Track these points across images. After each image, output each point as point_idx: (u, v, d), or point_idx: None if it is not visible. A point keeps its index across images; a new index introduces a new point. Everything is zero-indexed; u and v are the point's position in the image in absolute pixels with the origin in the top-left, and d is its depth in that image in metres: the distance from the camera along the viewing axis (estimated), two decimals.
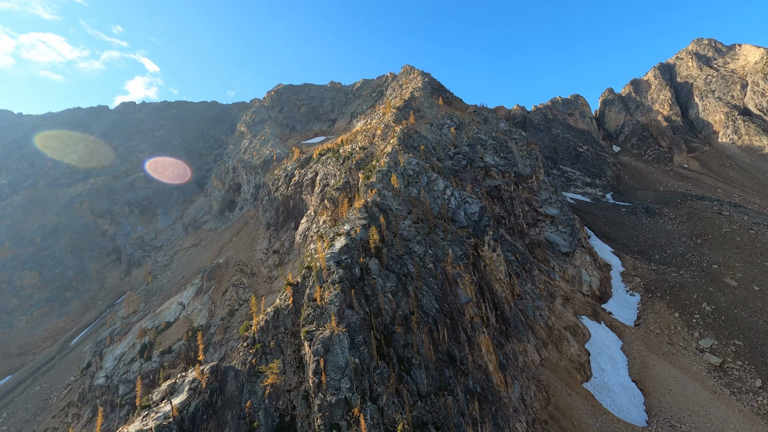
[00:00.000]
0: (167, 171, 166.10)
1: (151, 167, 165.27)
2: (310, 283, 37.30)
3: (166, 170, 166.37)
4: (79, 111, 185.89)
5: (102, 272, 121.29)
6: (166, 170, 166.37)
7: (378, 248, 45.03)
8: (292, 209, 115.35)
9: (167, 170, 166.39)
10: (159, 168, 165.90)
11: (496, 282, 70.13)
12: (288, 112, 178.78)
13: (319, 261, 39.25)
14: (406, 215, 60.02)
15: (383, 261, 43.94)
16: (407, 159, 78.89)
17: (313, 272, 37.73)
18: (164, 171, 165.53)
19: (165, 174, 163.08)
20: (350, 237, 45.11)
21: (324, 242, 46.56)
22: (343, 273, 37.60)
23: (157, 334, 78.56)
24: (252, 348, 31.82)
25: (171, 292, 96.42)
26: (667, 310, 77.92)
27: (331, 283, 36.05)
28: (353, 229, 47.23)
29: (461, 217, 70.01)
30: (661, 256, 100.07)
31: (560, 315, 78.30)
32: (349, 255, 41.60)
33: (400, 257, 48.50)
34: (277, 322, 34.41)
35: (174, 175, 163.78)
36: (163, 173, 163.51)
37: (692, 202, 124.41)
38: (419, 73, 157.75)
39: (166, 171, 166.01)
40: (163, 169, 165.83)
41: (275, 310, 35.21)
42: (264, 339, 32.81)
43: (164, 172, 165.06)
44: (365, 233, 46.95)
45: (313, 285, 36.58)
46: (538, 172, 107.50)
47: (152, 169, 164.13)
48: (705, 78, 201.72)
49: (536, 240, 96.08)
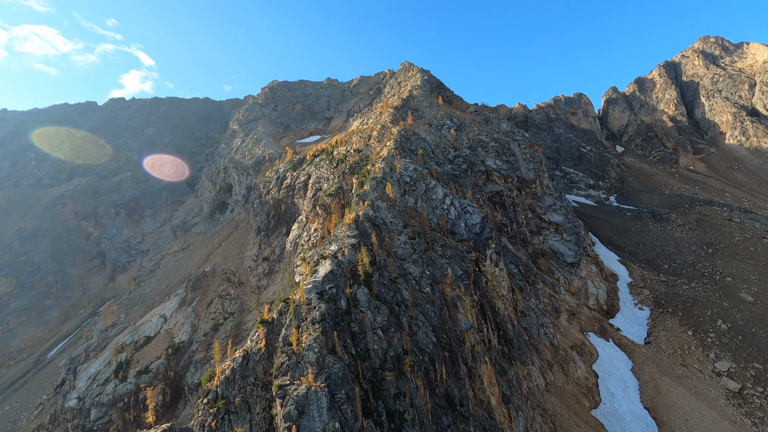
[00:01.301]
0: (165, 168, 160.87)
1: (149, 164, 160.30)
2: (287, 320, 32.17)
3: (165, 168, 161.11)
4: (66, 107, 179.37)
5: (85, 278, 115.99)
6: (165, 168, 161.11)
7: (368, 274, 39.87)
8: (283, 213, 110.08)
9: (165, 168, 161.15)
10: (157, 165, 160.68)
11: (498, 299, 65.20)
12: (282, 109, 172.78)
13: (298, 293, 34.07)
14: (401, 230, 54.83)
15: (373, 289, 38.80)
16: (404, 164, 73.60)
17: (291, 307, 32.57)
18: (162, 168, 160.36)
19: (163, 171, 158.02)
20: (337, 260, 39.94)
21: (307, 266, 41.35)
22: (325, 308, 32.45)
23: (135, 350, 73.51)
24: (213, 406, 26.73)
25: (154, 302, 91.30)
26: (679, 328, 73.18)
27: (311, 323, 30.89)
28: (341, 250, 42.06)
29: (461, 229, 64.88)
30: (671, 266, 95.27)
31: (566, 332, 73.52)
32: (335, 283, 36.46)
33: (393, 281, 43.37)
34: (246, 371, 29.28)
35: (172, 172, 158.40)
36: (161, 171, 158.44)
37: (701, 208, 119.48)
38: (418, 71, 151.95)
39: (165, 168, 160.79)
40: (161, 167, 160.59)
41: (244, 355, 30.08)
42: (229, 393, 27.68)
43: (162, 169, 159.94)
44: (354, 255, 41.78)
45: (290, 324, 31.45)
46: (541, 177, 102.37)
47: (150, 167, 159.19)
48: (712, 77, 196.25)
49: (540, 249, 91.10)
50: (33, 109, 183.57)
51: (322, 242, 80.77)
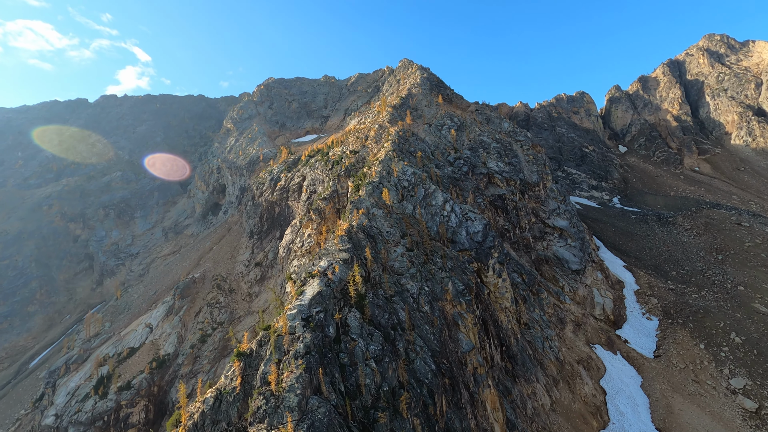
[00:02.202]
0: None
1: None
2: (267, 353, 28.34)
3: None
4: (56, 104, 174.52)
5: (72, 282, 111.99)
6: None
7: (361, 295, 36.05)
8: (277, 216, 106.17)
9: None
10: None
11: (501, 312, 61.56)
12: (278, 107, 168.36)
13: (281, 321, 30.24)
14: (398, 240, 51.00)
15: (366, 313, 35.01)
16: (402, 168, 69.70)
17: (272, 338, 28.75)
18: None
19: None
20: (326, 279, 36.12)
21: (294, 286, 37.50)
22: (311, 338, 28.62)
23: (118, 363, 69.73)
24: None
25: (141, 310, 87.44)
26: (690, 341, 69.65)
27: (294, 357, 27.07)
28: (331, 266, 38.22)
29: (462, 237, 61.09)
30: (679, 273, 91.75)
31: (571, 345, 69.96)
32: (323, 307, 32.65)
33: (389, 301, 39.59)
34: (218, 414, 25.48)
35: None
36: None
37: (708, 211, 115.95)
38: (418, 68, 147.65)
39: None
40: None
41: (216, 395, 26.26)
42: None
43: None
44: (346, 272, 37.96)
45: (269, 358, 27.62)
46: (545, 179, 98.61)
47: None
48: (717, 76, 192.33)
49: (543, 255, 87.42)
50: (22, 106, 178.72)
51: (316, 248, 77.00)
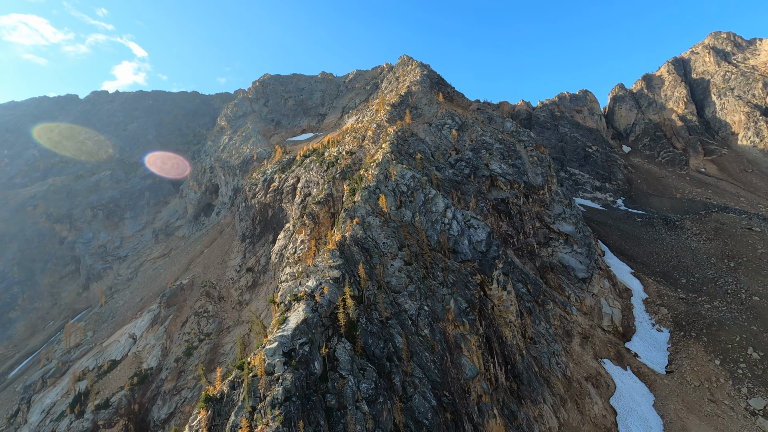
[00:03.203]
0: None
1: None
2: (240, 398, 24.22)
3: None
4: (45, 100, 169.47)
5: (57, 287, 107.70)
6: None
7: (352, 323, 31.91)
8: (270, 219, 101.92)
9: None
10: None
11: (505, 327, 57.59)
12: (273, 105, 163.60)
13: (257, 359, 26.06)
14: (395, 252, 46.84)
15: (358, 343, 30.90)
16: (400, 171, 65.47)
17: (245, 380, 24.59)
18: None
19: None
20: (313, 303, 31.97)
21: (277, 311, 33.33)
22: (292, 380, 24.49)
23: (97, 377, 65.65)
24: None
25: (125, 318, 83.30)
26: (705, 356, 65.87)
27: (271, 405, 22.94)
28: (320, 287, 34.07)
29: (465, 247, 56.99)
30: (689, 281, 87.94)
31: (579, 360, 66.11)
32: (309, 338, 28.51)
33: (384, 325, 35.49)
34: None
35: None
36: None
37: (717, 215, 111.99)
38: (417, 65, 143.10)
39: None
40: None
41: None
42: None
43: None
44: (336, 293, 33.83)
45: (242, 406, 23.48)
46: (550, 182, 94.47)
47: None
48: (723, 74, 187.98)
49: (548, 263, 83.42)
50: (9, 102, 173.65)
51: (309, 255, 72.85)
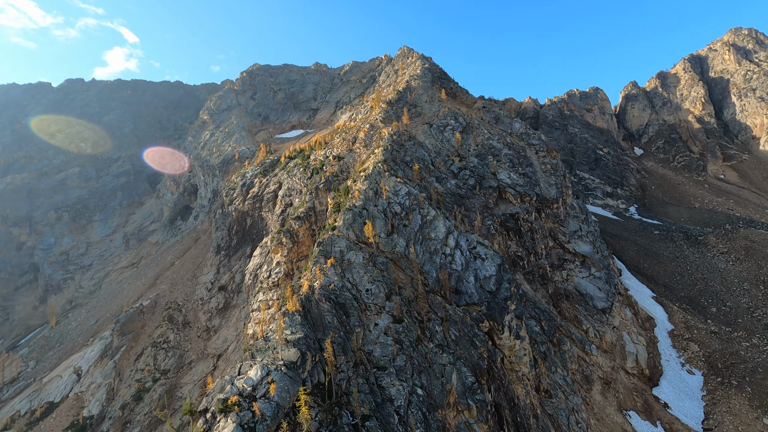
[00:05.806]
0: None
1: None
2: None
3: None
4: (14, 87, 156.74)
5: (11, 298, 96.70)
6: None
7: None
8: (249, 229, 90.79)
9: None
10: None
11: (518, 383, 47.04)
12: (261, 98, 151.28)
13: None
14: (382, 304, 35.89)
15: None
16: (394, 186, 54.27)
17: None
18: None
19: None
20: (250, 415, 21.03)
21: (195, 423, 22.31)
22: None
23: (28, 426, 54.94)
24: None
25: (74, 345, 72.48)
26: (750, 411, 55.69)
27: None
28: (265, 381, 23.14)
29: (470, 286, 46.14)
30: (720, 310, 77.62)
31: (601, 414, 55.87)
32: None
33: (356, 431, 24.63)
34: None
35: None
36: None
37: (746, 231, 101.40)
38: (418, 57, 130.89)
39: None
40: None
41: None
42: None
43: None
44: (289, 390, 22.91)
45: None
46: (565, 194, 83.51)
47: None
48: (744, 74, 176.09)
49: (563, 289, 72.80)
50: None
51: (285, 281, 62.01)
